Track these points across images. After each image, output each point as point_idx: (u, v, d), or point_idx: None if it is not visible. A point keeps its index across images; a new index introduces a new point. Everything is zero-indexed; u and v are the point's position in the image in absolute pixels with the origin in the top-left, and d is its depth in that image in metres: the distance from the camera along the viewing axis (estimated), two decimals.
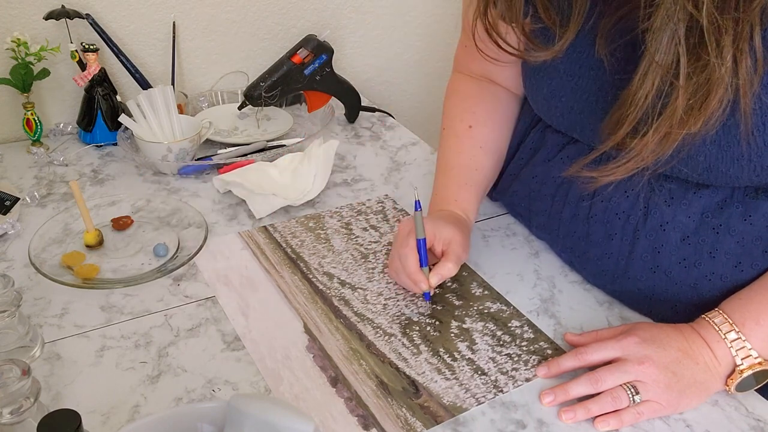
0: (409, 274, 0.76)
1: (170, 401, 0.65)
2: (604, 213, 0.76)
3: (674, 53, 0.56)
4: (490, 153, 0.88)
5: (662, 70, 0.57)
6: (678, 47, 0.56)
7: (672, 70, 0.57)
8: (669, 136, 0.60)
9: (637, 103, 0.60)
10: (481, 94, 0.90)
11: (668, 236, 0.71)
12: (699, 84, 0.57)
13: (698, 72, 0.56)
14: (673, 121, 0.59)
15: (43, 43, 1.05)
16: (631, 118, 0.61)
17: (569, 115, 0.75)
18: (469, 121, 0.88)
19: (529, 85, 0.80)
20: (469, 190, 0.85)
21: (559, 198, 0.81)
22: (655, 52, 0.57)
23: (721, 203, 0.68)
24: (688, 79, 0.57)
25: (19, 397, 0.50)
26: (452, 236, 0.78)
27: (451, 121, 0.90)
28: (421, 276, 0.75)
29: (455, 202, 0.84)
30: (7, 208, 0.89)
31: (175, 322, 0.74)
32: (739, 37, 0.54)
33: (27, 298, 0.76)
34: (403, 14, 1.41)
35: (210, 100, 1.24)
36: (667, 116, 0.59)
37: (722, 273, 0.69)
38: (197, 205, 0.94)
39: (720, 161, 0.63)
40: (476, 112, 0.88)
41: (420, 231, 0.76)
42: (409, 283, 0.77)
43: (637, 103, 0.60)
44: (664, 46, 0.56)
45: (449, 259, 0.76)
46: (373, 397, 0.66)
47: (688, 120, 0.59)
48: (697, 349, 0.65)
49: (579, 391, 0.66)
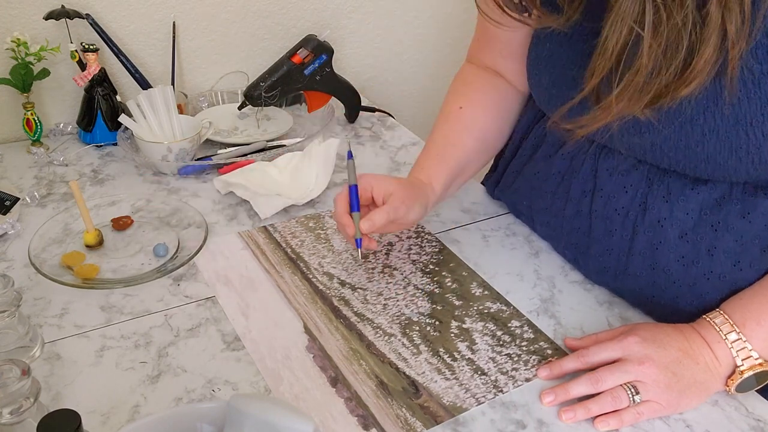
0: (336, 217, 0.79)
1: (170, 401, 0.65)
2: (605, 208, 0.76)
3: (640, 2, 0.55)
4: (473, 134, 0.87)
5: (629, 19, 0.56)
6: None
7: (638, 20, 0.56)
8: (639, 89, 0.59)
9: (605, 53, 0.59)
10: (481, 81, 0.90)
11: (666, 233, 0.71)
12: (667, 35, 0.56)
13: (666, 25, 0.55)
14: (641, 73, 0.58)
15: (43, 43, 1.05)
16: (600, 69, 0.61)
17: None
18: (461, 103, 0.88)
19: (533, 75, 0.80)
20: (440, 160, 0.85)
21: (560, 194, 0.81)
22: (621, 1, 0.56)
23: (719, 200, 0.68)
24: (654, 29, 0.56)
25: (19, 397, 0.50)
26: (393, 189, 0.78)
27: (446, 103, 0.90)
28: (347, 219, 0.77)
29: (422, 170, 0.85)
30: (7, 208, 0.89)
31: (175, 322, 0.74)
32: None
33: (27, 298, 0.76)
34: (403, 14, 1.41)
35: (210, 100, 1.24)
36: (635, 68, 0.58)
37: (721, 272, 0.69)
38: (197, 205, 0.94)
39: (718, 152, 0.63)
40: (471, 97, 0.89)
41: (351, 178, 0.79)
42: (342, 229, 0.79)
43: (605, 54, 0.60)
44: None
45: (382, 208, 0.77)
46: (373, 397, 0.66)
47: (659, 73, 0.58)
48: (697, 349, 0.65)
49: (579, 390, 0.66)
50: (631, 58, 0.58)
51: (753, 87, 0.58)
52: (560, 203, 0.82)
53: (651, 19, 0.55)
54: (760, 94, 0.59)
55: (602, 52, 0.60)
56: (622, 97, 0.60)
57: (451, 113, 0.89)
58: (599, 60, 0.60)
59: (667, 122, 0.64)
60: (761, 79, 0.58)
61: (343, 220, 0.77)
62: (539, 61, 0.77)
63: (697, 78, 0.57)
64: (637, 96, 0.60)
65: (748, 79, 0.58)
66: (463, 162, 0.87)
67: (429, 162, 0.86)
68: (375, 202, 0.79)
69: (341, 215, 0.77)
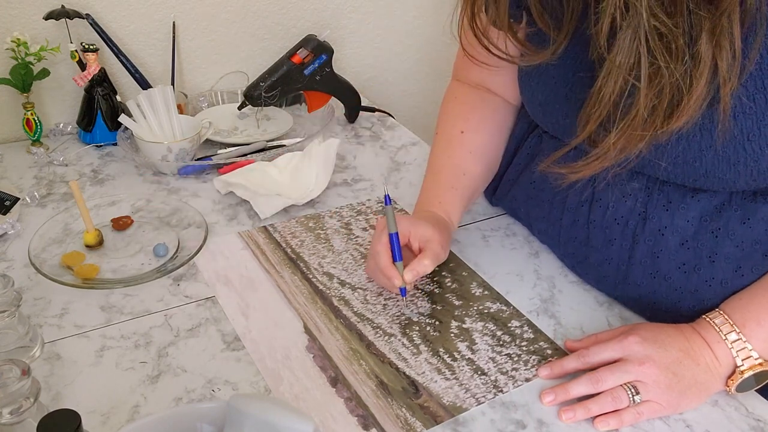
0: (381, 270, 0.75)
1: (170, 401, 0.65)
2: (603, 218, 0.76)
3: (635, 55, 0.56)
4: (479, 159, 0.87)
5: (624, 71, 0.57)
6: (639, 48, 0.55)
7: (634, 72, 0.57)
8: (634, 137, 0.60)
9: (600, 101, 0.60)
10: (476, 102, 0.89)
11: (667, 241, 0.71)
12: (662, 86, 0.56)
13: (660, 75, 0.56)
14: (636, 122, 0.59)
15: (43, 43, 1.05)
16: (596, 117, 0.61)
17: (564, 121, 0.74)
18: (462, 127, 0.88)
19: (525, 92, 0.80)
20: (455, 193, 0.85)
21: (557, 204, 0.81)
22: (617, 54, 0.56)
23: (719, 207, 0.68)
24: (650, 81, 0.56)
25: (19, 397, 0.50)
26: (430, 234, 0.77)
27: (444, 126, 0.90)
28: (393, 271, 0.74)
29: (439, 204, 0.84)
30: (7, 208, 0.89)
31: (175, 322, 0.74)
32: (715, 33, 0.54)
33: (27, 298, 0.76)
34: (403, 14, 1.41)
35: (210, 100, 1.24)
36: (630, 117, 0.59)
37: (722, 278, 0.69)
38: (197, 205, 0.94)
39: (716, 167, 0.63)
40: (469, 119, 0.88)
41: (391, 226, 0.76)
42: (383, 280, 0.76)
43: (600, 102, 0.60)
44: (626, 47, 0.56)
45: (426, 255, 0.75)
46: (373, 397, 0.66)
47: (653, 121, 0.58)
48: (698, 349, 0.65)
49: (579, 390, 0.66)
50: (627, 105, 0.59)
51: (749, 102, 0.59)
52: (557, 212, 0.81)
53: (647, 72, 0.56)
54: (755, 109, 0.59)
55: (598, 100, 0.60)
56: (618, 144, 0.61)
57: (453, 138, 0.88)
58: (595, 108, 0.61)
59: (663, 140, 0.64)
60: (755, 94, 0.58)
61: (390, 272, 0.74)
62: (530, 78, 0.77)
63: (688, 114, 0.58)
64: (634, 141, 0.61)
65: (743, 94, 0.58)
66: (473, 189, 0.88)
67: (445, 196, 0.85)
68: (410, 246, 0.78)
69: (387, 268, 0.74)
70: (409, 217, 0.79)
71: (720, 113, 0.59)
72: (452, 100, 0.92)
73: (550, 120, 0.77)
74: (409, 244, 0.78)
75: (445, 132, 0.89)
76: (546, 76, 0.74)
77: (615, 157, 0.62)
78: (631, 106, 0.58)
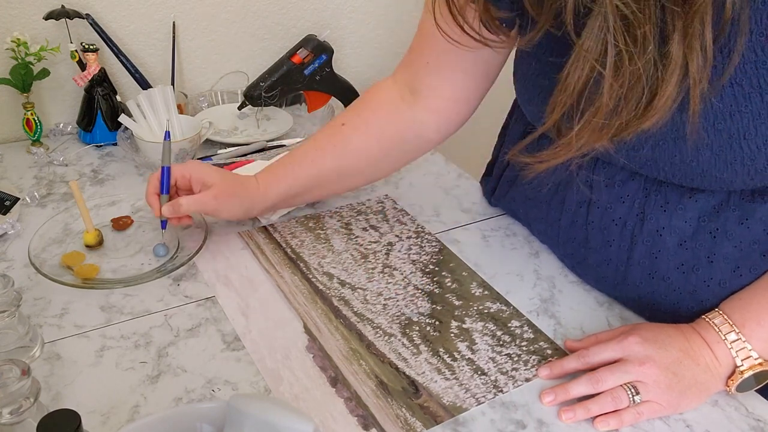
0: (146, 198, 0.82)
1: (170, 401, 0.65)
2: (601, 219, 0.76)
3: (603, 42, 0.55)
4: (338, 154, 0.86)
5: (591, 57, 0.56)
6: (607, 35, 0.54)
7: (601, 60, 0.56)
8: (598, 127, 0.59)
9: (566, 89, 0.59)
10: (381, 102, 0.87)
11: (665, 241, 0.71)
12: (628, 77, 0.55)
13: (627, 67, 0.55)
14: (600, 113, 0.58)
15: (43, 43, 1.05)
16: (561, 105, 0.60)
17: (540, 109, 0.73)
18: (347, 119, 0.87)
19: (521, 92, 0.79)
20: (287, 173, 0.85)
21: (555, 205, 0.81)
22: (585, 39, 0.56)
23: (717, 207, 0.68)
24: (615, 69, 0.55)
25: (19, 397, 0.50)
26: (213, 182, 0.81)
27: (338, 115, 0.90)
28: (153, 200, 0.81)
29: (266, 174, 0.86)
30: (7, 208, 0.89)
31: (175, 322, 0.74)
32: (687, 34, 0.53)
33: (27, 298, 0.76)
34: (403, 14, 1.41)
35: (210, 100, 1.24)
36: (595, 107, 0.58)
37: (721, 278, 0.69)
38: None
39: (713, 166, 0.63)
40: (359, 115, 0.87)
41: (165, 159, 0.82)
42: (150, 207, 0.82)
43: (566, 90, 0.59)
44: (594, 33, 0.55)
45: (187, 197, 0.80)
46: (373, 397, 0.66)
47: (620, 113, 0.58)
48: (697, 349, 0.65)
49: (579, 390, 0.66)
50: (592, 95, 0.58)
51: (744, 101, 0.58)
52: (555, 214, 0.81)
53: (612, 60, 0.55)
54: (751, 108, 0.58)
55: (564, 88, 0.59)
56: (583, 134, 0.60)
57: (331, 127, 0.88)
58: (561, 95, 0.60)
59: (661, 138, 0.64)
60: (751, 93, 0.58)
61: (150, 200, 0.81)
62: (527, 78, 0.76)
63: (657, 114, 0.57)
64: (598, 133, 0.60)
65: (738, 93, 0.58)
66: (323, 174, 0.86)
67: (278, 170, 0.86)
68: (193, 189, 0.82)
69: (149, 195, 0.81)
70: (201, 163, 0.84)
71: (690, 115, 0.59)
72: (364, 93, 0.91)
73: (530, 108, 0.77)
74: (191, 186, 0.83)
75: (331, 121, 0.90)
76: (542, 77, 0.74)
77: (579, 148, 0.62)
78: (596, 95, 0.57)
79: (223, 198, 0.81)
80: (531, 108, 0.77)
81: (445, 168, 1.10)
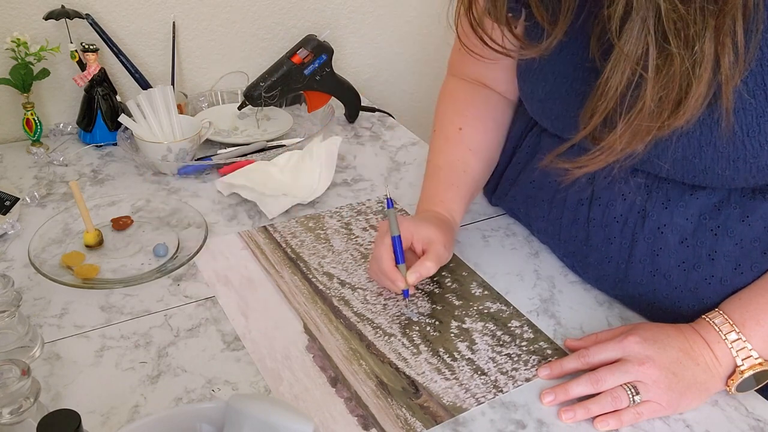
0: (384, 273, 0.75)
1: (170, 401, 0.65)
2: (603, 217, 0.76)
3: (644, 44, 0.55)
4: (479, 155, 0.87)
5: (631, 61, 0.56)
6: (648, 38, 0.55)
7: (642, 62, 0.56)
8: (640, 130, 0.60)
9: (607, 94, 0.59)
10: (472, 98, 0.89)
11: (666, 239, 0.71)
12: (670, 77, 0.56)
13: (668, 65, 0.55)
14: (643, 115, 0.58)
15: (43, 43, 1.05)
16: (602, 110, 0.61)
17: (564, 118, 0.74)
18: (460, 124, 0.88)
19: (524, 88, 0.80)
20: (456, 191, 0.85)
21: (557, 203, 0.81)
22: (625, 43, 0.56)
23: (718, 204, 0.68)
24: (657, 71, 0.56)
25: (19, 397, 0.50)
26: (433, 235, 0.77)
27: (441, 123, 0.90)
28: (397, 274, 0.74)
29: (441, 203, 0.84)
30: (7, 208, 0.89)
31: (175, 322, 0.74)
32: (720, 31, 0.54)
33: (27, 298, 0.76)
34: (403, 14, 1.41)
35: (210, 100, 1.24)
36: (637, 109, 0.58)
37: (722, 276, 0.69)
38: (197, 205, 0.94)
39: (716, 163, 0.63)
40: (467, 115, 0.88)
41: (394, 228, 0.76)
42: (387, 282, 0.76)
43: (607, 95, 0.59)
44: (634, 37, 0.55)
45: (428, 257, 0.75)
46: (373, 397, 0.66)
47: (660, 114, 0.58)
48: (697, 349, 0.65)
49: (579, 390, 0.66)
50: (632, 99, 0.58)
51: (749, 98, 0.58)
52: (557, 212, 0.81)
53: (654, 62, 0.55)
54: (755, 106, 0.59)
55: (604, 92, 0.59)
56: (624, 137, 0.61)
57: (451, 135, 0.88)
58: (600, 100, 0.60)
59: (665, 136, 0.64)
60: (755, 90, 0.58)
61: (394, 275, 0.74)
62: (529, 73, 0.77)
63: (689, 112, 0.57)
64: (640, 135, 0.60)
65: (743, 90, 0.58)
66: (475, 186, 0.87)
67: (446, 194, 0.85)
68: (414, 249, 0.78)
69: (390, 271, 0.75)
70: (411, 219, 0.79)
71: (723, 111, 0.59)
72: (448, 96, 0.91)
73: (549, 116, 0.77)
74: (413, 247, 0.78)
75: (443, 129, 0.89)
76: (546, 71, 0.74)
77: (621, 151, 0.62)
78: (638, 98, 0.58)
79: (449, 246, 0.79)
80: (551, 118, 0.77)
81: None
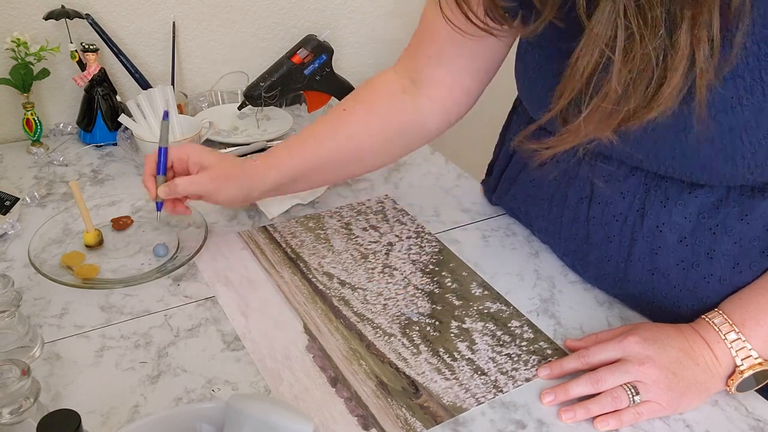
0: (142, 179, 0.81)
1: (170, 401, 0.65)
2: (602, 215, 0.76)
3: (613, 26, 0.55)
4: (344, 134, 0.84)
5: (601, 42, 0.56)
6: (618, 20, 0.54)
7: (611, 45, 0.56)
8: (607, 113, 0.59)
9: (575, 74, 0.59)
10: (383, 90, 0.87)
11: (665, 237, 0.71)
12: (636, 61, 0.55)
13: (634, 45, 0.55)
14: (609, 98, 0.58)
15: (43, 43, 1.06)
16: (569, 90, 0.60)
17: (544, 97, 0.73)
18: (348, 106, 0.86)
19: (523, 85, 0.79)
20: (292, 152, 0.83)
21: (557, 201, 0.81)
22: (595, 24, 0.55)
23: (717, 203, 0.68)
24: (624, 53, 0.55)
25: (19, 397, 0.50)
26: (210, 164, 0.79)
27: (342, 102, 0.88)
28: (151, 183, 0.80)
29: (267, 156, 0.83)
30: (7, 208, 0.89)
31: (175, 322, 0.74)
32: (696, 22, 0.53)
33: (27, 298, 0.76)
34: (403, 14, 1.41)
35: (210, 100, 1.24)
36: (603, 92, 0.58)
37: (721, 275, 0.69)
38: (197, 205, 0.94)
39: (714, 159, 0.63)
40: (361, 99, 0.86)
41: (163, 140, 0.81)
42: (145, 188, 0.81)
43: (575, 75, 0.59)
44: (605, 18, 0.55)
45: (184, 178, 0.79)
46: (373, 397, 0.66)
47: (627, 100, 0.57)
48: (697, 349, 0.65)
49: (579, 390, 0.66)
50: (600, 82, 0.58)
51: (746, 93, 0.58)
52: (557, 210, 0.81)
53: (623, 43, 0.55)
54: (752, 101, 0.58)
55: (572, 73, 0.59)
56: (590, 120, 0.60)
57: (332, 113, 0.86)
58: (569, 81, 0.60)
59: (662, 132, 0.64)
60: (752, 85, 0.58)
61: (146, 181, 0.80)
62: (528, 70, 0.76)
63: (664, 104, 0.57)
64: (606, 120, 0.60)
65: (740, 85, 0.58)
66: (323, 158, 0.84)
67: (278, 152, 0.83)
68: (190, 172, 0.81)
69: (145, 176, 0.80)
70: (200, 145, 0.83)
71: (697, 106, 0.58)
72: (365, 82, 0.89)
73: (533, 96, 0.76)
74: (188, 169, 0.81)
75: (337, 106, 0.88)
76: (544, 69, 0.73)
77: (586, 133, 0.61)
78: (605, 80, 0.57)
79: (221, 180, 0.79)
80: (534, 99, 0.76)
81: (445, 168, 1.10)
